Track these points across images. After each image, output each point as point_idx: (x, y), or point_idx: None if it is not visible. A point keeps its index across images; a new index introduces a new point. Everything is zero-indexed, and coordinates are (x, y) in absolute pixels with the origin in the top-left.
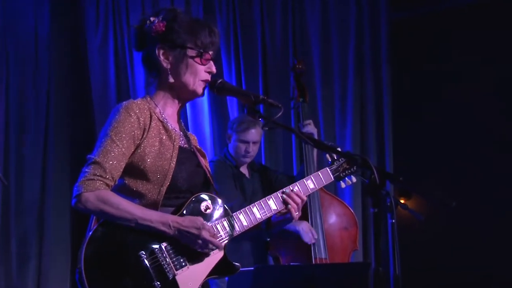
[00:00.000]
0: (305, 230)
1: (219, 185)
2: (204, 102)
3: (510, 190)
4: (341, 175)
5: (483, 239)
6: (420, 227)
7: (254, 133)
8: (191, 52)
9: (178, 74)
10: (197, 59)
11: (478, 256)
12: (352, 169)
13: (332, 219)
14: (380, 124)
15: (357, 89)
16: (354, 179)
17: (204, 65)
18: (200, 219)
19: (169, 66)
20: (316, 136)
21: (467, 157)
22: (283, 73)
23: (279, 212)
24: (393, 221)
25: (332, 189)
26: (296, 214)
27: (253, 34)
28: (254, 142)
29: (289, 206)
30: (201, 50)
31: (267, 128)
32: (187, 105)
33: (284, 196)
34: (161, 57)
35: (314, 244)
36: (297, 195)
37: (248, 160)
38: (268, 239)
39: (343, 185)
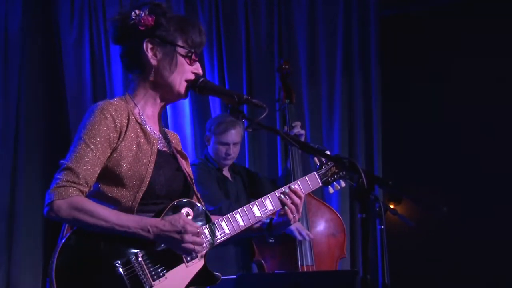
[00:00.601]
0: (299, 229)
1: (204, 189)
2: (185, 102)
3: (503, 194)
4: (330, 179)
5: (475, 246)
6: (410, 233)
7: (234, 134)
8: (181, 51)
9: (165, 72)
10: (187, 59)
11: (470, 263)
12: (341, 173)
13: (320, 225)
14: (369, 125)
15: (345, 90)
16: (342, 184)
17: (191, 65)
18: (182, 220)
19: (156, 63)
20: (302, 139)
21: (458, 160)
22: (268, 72)
23: (279, 214)
24: (382, 227)
25: (318, 193)
26: (293, 216)
27: (236, 31)
28: (234, 143)
29: (286, 207)
30: (192, 49)
31: (250, 130)
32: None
33: (282, 196)
34: (149, 53)
35: (301, 251)
36: (295, 194)
37: (229, 162)
38: (271, 240)
39: (331, 190)
